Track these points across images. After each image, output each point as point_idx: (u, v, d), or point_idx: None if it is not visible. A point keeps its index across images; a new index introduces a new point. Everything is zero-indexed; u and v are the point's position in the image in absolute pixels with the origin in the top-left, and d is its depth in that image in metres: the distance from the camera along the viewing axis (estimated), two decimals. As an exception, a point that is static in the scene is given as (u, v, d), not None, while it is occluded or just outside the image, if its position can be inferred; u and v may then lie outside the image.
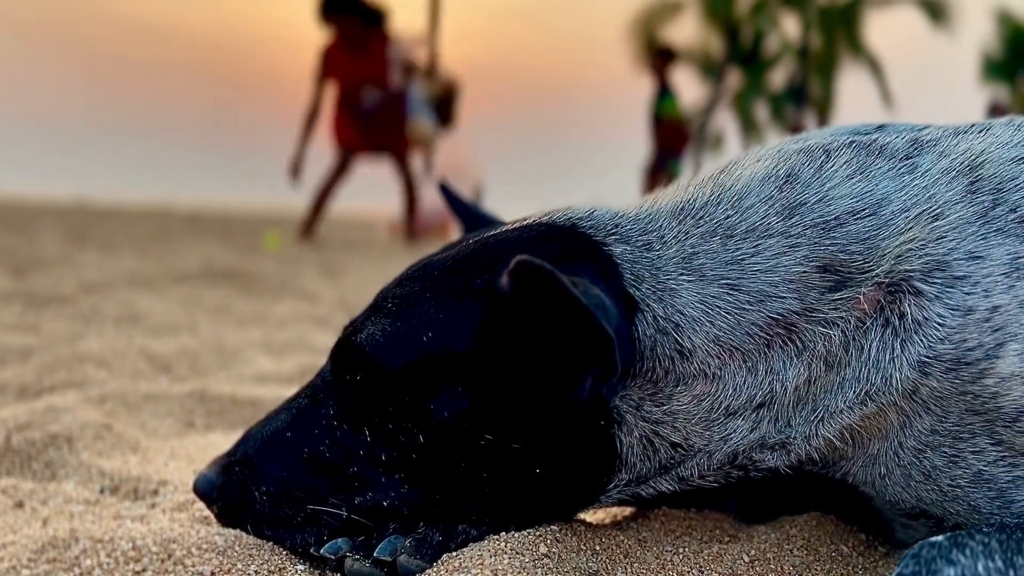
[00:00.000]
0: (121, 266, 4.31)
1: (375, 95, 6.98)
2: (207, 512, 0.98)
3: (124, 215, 12.65)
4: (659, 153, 8.90)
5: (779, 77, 27.41)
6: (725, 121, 28.42)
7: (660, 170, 8.84)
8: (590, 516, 1.02)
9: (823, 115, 24.89)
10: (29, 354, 1.99)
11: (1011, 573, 0.74)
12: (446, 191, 1.15)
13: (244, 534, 0.86)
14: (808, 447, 0.87)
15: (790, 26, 26.78)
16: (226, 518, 0.88)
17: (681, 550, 0.92)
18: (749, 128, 27.32)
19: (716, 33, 26.53)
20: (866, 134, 0.97)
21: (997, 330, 0.81)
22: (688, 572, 0.88)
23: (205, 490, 0.88)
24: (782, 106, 25.95)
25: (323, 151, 7.28)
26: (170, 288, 3.53)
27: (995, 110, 10.80)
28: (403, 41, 7.33)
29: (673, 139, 8.91)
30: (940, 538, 0.76)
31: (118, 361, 1.88)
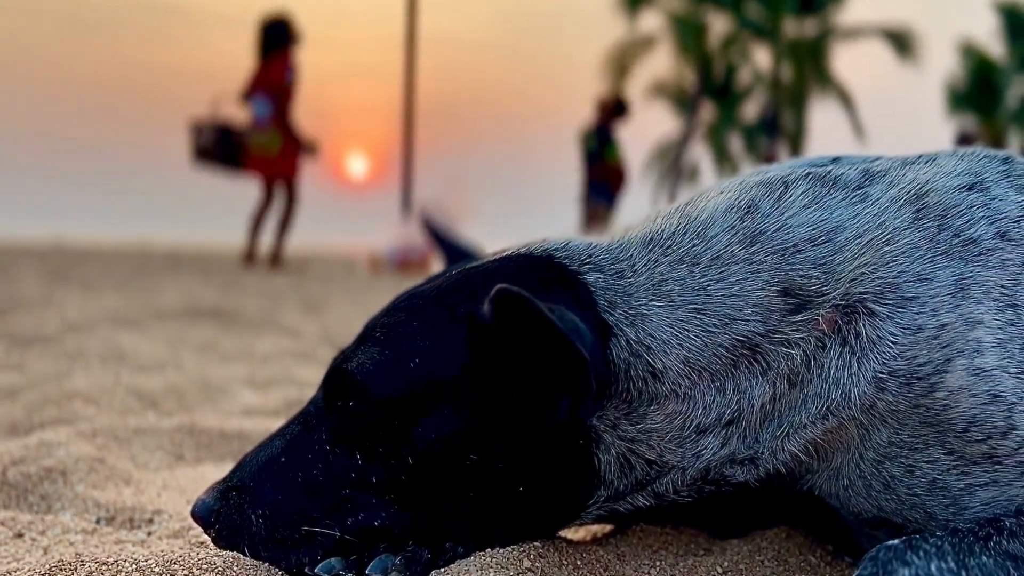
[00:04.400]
0: (103, 305, 4.32)
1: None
2: (203, 538, 1.02)
3: (102, 254, 12.61)
4: (596, 189, 9.61)
5: (751, 109, 27.87)
6: (700, 153, 28.77)
7: (597, 204, 9.59)
8: (571, 534, 1.06)
9: (795, 146, 25.27)
10: (17, 392, 2.01)
11: (963, 573, 0.79)
12: (429, 224, 1.20)
13: (242, 556, 0.90)
14: (775, 461, 0.93)
15: (761, 59, 27.27)
16: (223, 541, 0.92)
17: (658, 563, 0.97)
18: (723, 160, 27.68)
19: (689, 67, 26.95)
20: (822, 166, 1.04)
21: (945, 346, 0.87)
22: (665, 584, 0.93)
23: (203, 514, 0.92)
24: (755, 138, 26.35)
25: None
26: (153, 326, 3.55)
27: (964, 139, 11.07)
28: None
29: (614, 180, 9.68)
30: (896, 541, 0.82)
31: (106, 398, 1.91)
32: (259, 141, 7.77)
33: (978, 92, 28.43)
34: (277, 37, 7.73)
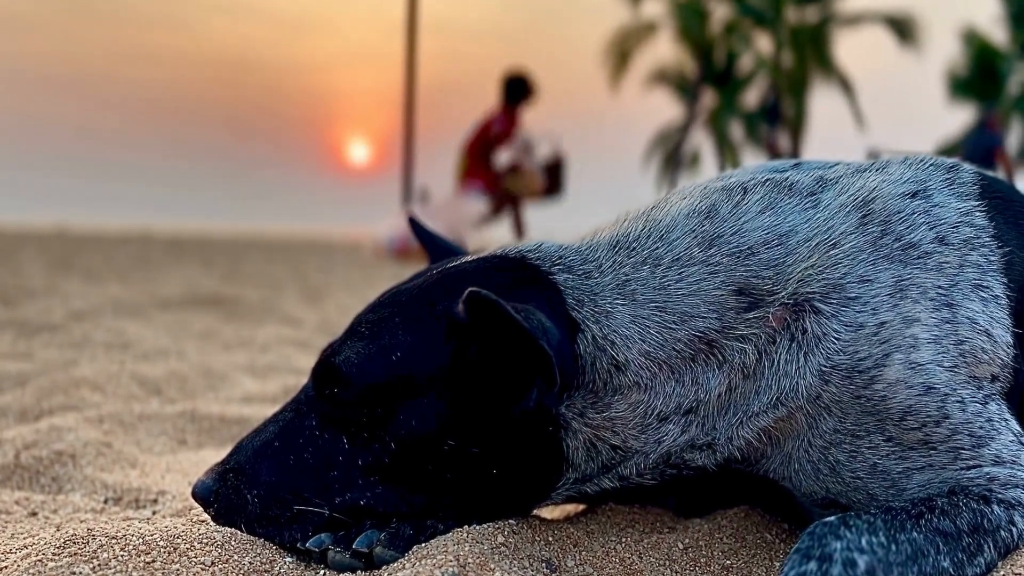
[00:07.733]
0: (106, 294, 4.40)
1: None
2: (204, 516, 1.10)
3: (105, 242, 12.69)
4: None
5: (753, 96, 27.84)
6: (701, 140, 28.79)
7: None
8: (544, 512, 1.14)
9: (796, 133, 25.27)
10: (26, 380, 2.10)
11: (893, 547, 0.87)
12: (415, 224, 1.28)
13: (239, 532, 0.98)
14: (731, 447, 1.00)
15: (763, 46, 27.23)
16: (222, 519, 1.00)
17: (624, 540, 1.05)
18: (724, 146, 27.68)
19: (690, 53, 26.92)
20: (783, 172, 1.11)
21: (884, 342, 0.95)
22: (629, 558, 1.01)
23: (203, 494, 1.00)
24: (756, 125, 26.34)
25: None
26: (156, 315, 3.63)
27: (984, 125, 11.07)
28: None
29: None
30: (833, 518, 0.89)
31: (111, 385, 1.99)
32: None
33: (980, 79, 28.37)
34: (514, 92, 8.48)
